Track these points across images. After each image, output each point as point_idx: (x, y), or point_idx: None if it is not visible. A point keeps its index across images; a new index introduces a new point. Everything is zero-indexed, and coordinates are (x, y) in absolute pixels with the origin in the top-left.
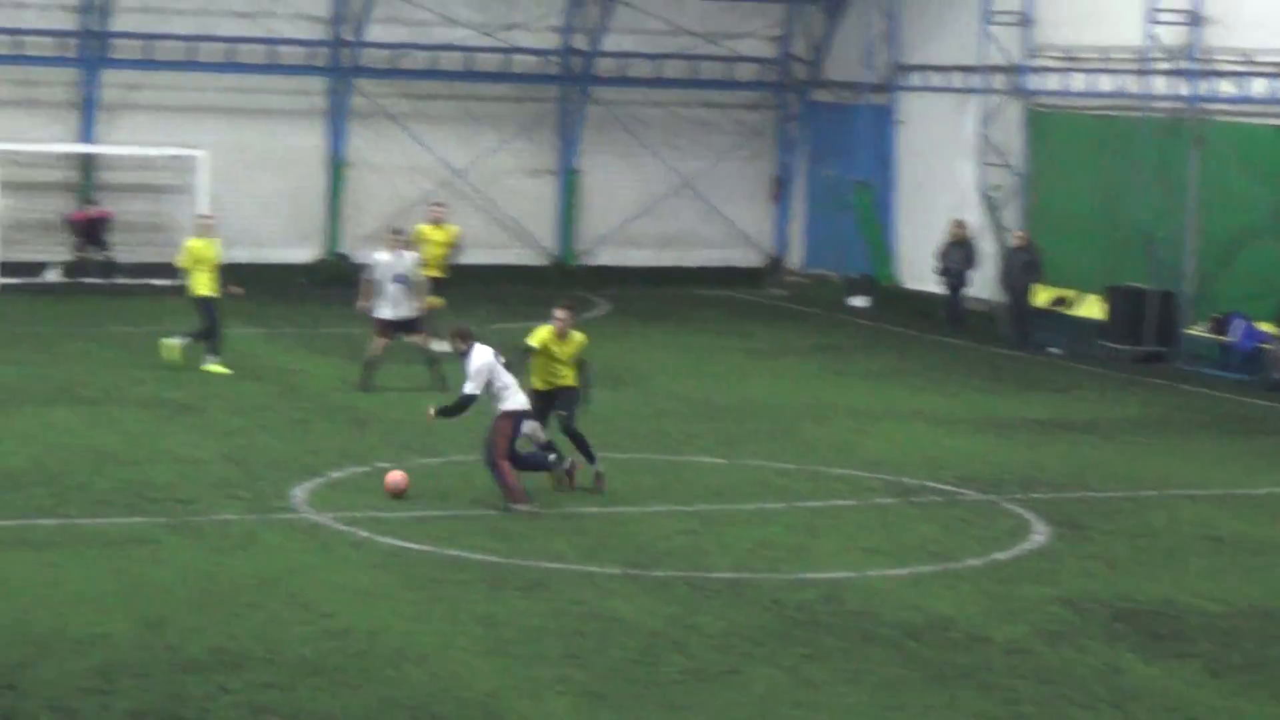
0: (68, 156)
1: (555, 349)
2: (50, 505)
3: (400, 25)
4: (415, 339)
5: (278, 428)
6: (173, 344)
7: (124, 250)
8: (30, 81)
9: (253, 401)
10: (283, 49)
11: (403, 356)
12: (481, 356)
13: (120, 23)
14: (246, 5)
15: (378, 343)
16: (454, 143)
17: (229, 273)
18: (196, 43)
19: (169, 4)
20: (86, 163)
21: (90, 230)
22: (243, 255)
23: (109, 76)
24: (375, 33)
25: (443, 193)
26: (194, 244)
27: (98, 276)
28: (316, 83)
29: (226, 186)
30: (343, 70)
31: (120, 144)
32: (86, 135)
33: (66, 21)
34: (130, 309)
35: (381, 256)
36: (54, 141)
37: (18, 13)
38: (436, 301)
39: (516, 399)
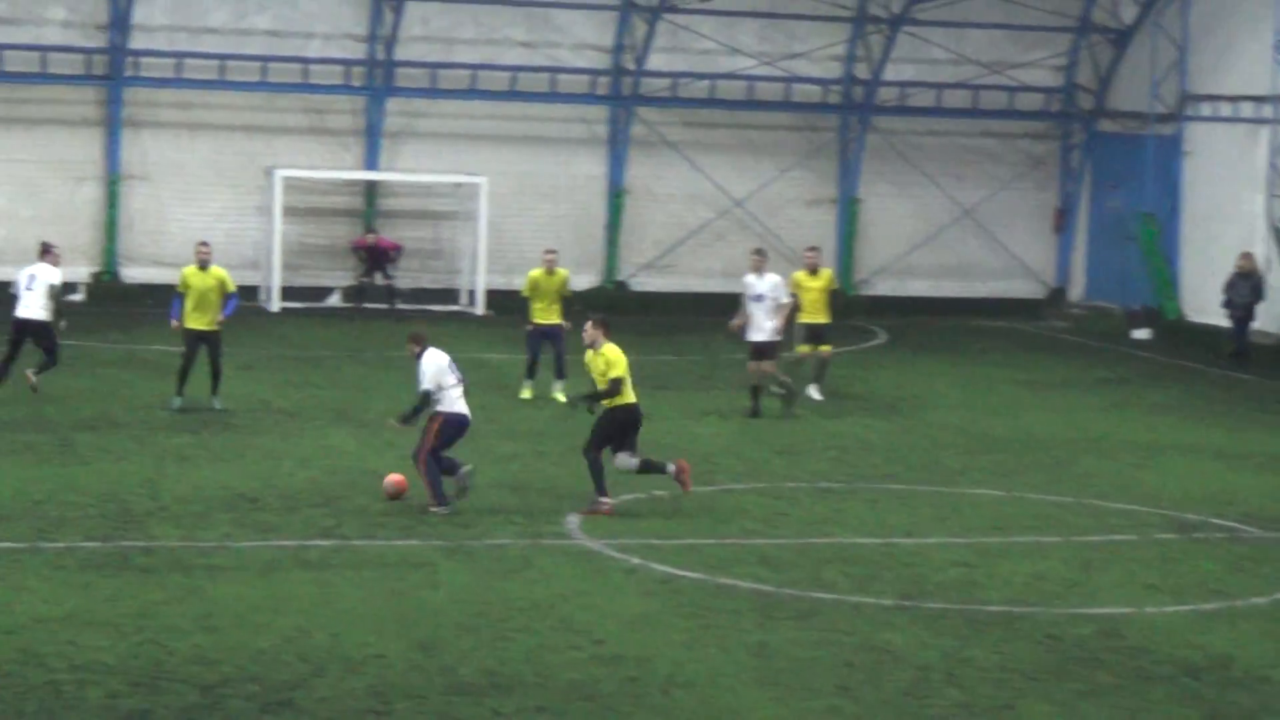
0: (352, 183)
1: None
2: (328, 526)
3: (681, 54)
4: (762, 365)
5: (554, 454)
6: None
7: (404, 275)
8: (317, 109)
9: (529, 427)
10: (564, 77)
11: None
12: (435, 359)
13: (405, 52)
14: (529, 34)
15: (750, 366)
16: (733, 171)
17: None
18: (479, 71)
19: (453, 33)
20: (370, 189)
21: (374, 257)
22: (520, 282)
23: (394, 105)
24: (656, 61)
25: (721, 222)
26: (537, 274)
27: (379, 302)
28: (597, 111)
29: (506, 213)
30: (624, 99)
31: (403, 171)
32: (371, 162)
33: (354, 51)
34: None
35: (747, 278)
36: (339, 169)
37: (306, 42)
38: (825, 350)
39: (456, 405)
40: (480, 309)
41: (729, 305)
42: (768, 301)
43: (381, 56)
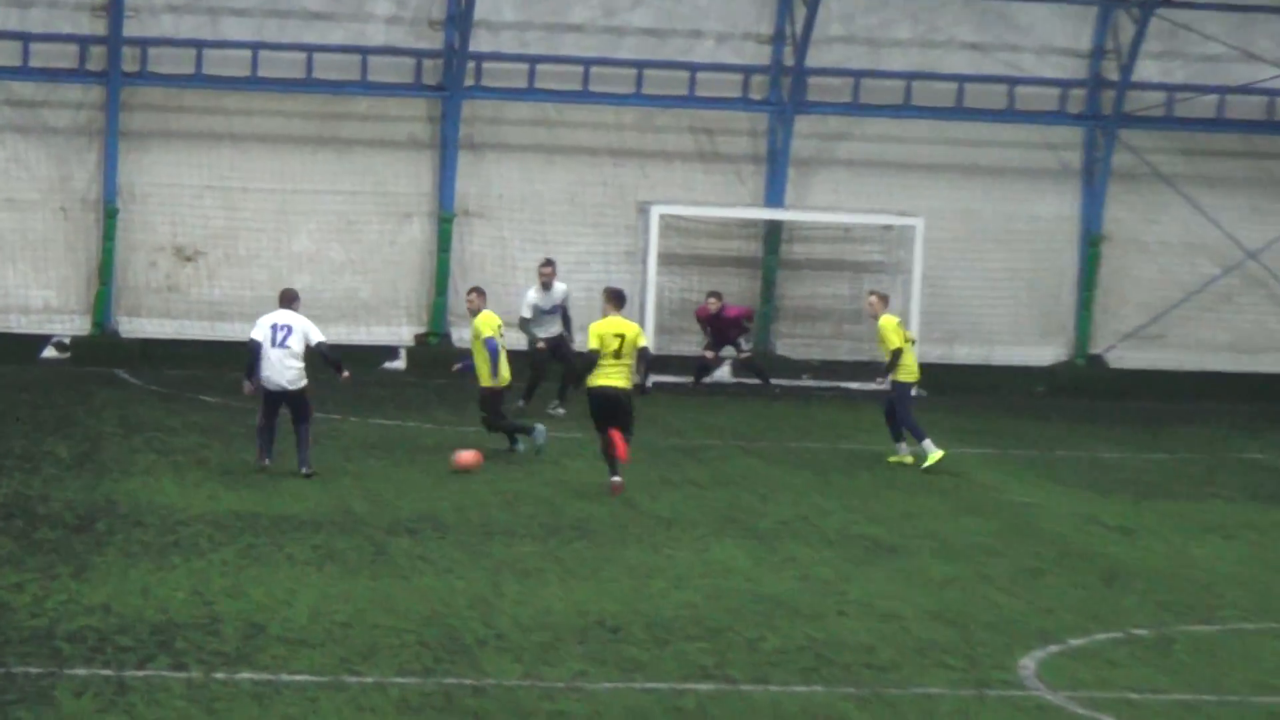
0: (749, 224)
1: None
2: (710, 666)
3: (1180, 60)
4: None
5: (1003, 578)
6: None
7: (809, 343)
8: (707, 129)
9: (973, 542)
10: (1025, 90)
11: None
12: None
13: (820, 57)
14: (980, 34)
15: None
16: (1246, 214)
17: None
18: (914, 82)
19: (883, 34)
20: (771, 233)
21: (718, 330)
22: (964, 353)
23: (804, 124)
24: (1147, 70)
25: (1230, 280)
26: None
27: (759, 377)
28: (1068, 133)
29: (945, 263)
30: (1103, 118)
31: (815, 209)
32: (773, 198)
33: (755, 56)
34: (818, 417)
35: None
36: (733, 205)
37: (693, 44)
38: None
39: None
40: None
41: (1239, 387)
42: None
43: (790, 63)
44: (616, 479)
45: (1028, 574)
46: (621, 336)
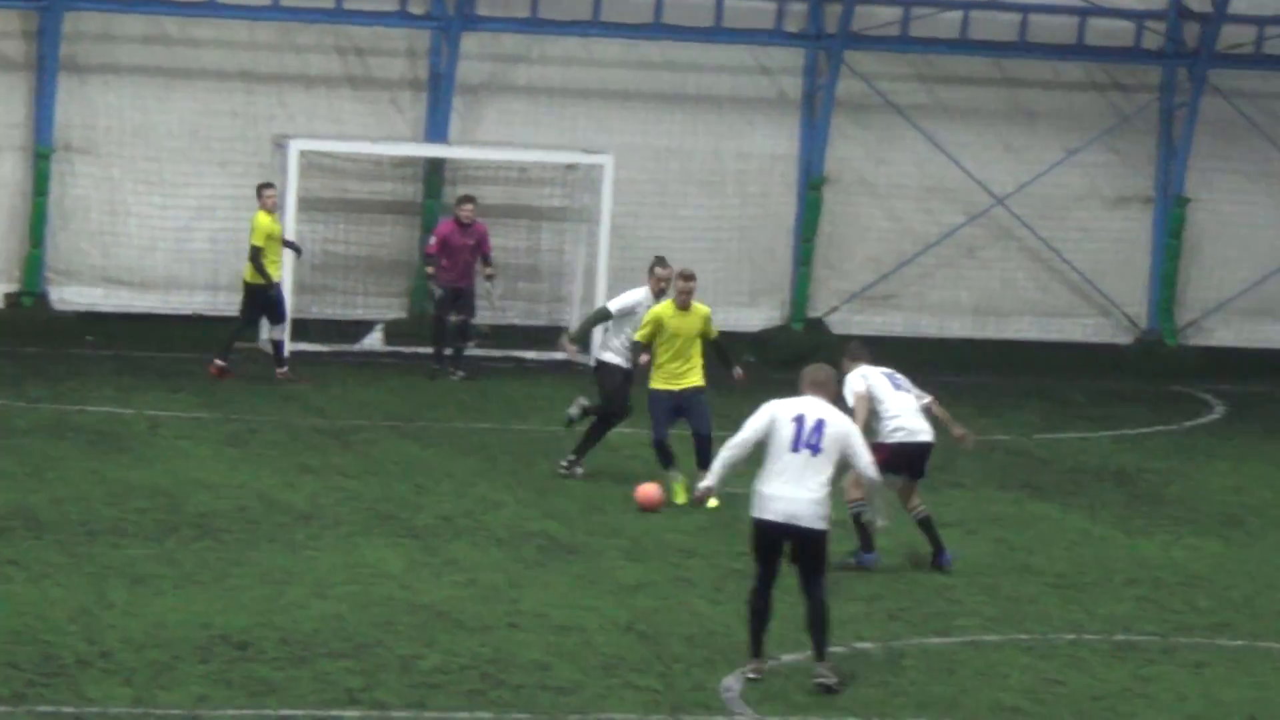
0: (406, 162)
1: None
2: (356, 688)
3: None
4: None
5: (704, 583)
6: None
7: (478, 305)
8: (356, 50)
9: (668, 540)
10: (736, 6)
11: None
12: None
13: None
14: None
15: None
16: (996, 153)
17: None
18: None
19: None
20: (433, 173)
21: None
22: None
23: (472, 43)
24: None
25: (974, 229)
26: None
27: (441, 345)
28: (786, 56)
29: (639, 210)
30: (827, 39)
31: (485, 145)
32: (436, 132)
33: None
34: (487, 395)
35: None
36: (388, 140)
37: None
38: None
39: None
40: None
41: (983, 357)
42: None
43: None
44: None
45: (732, 578)
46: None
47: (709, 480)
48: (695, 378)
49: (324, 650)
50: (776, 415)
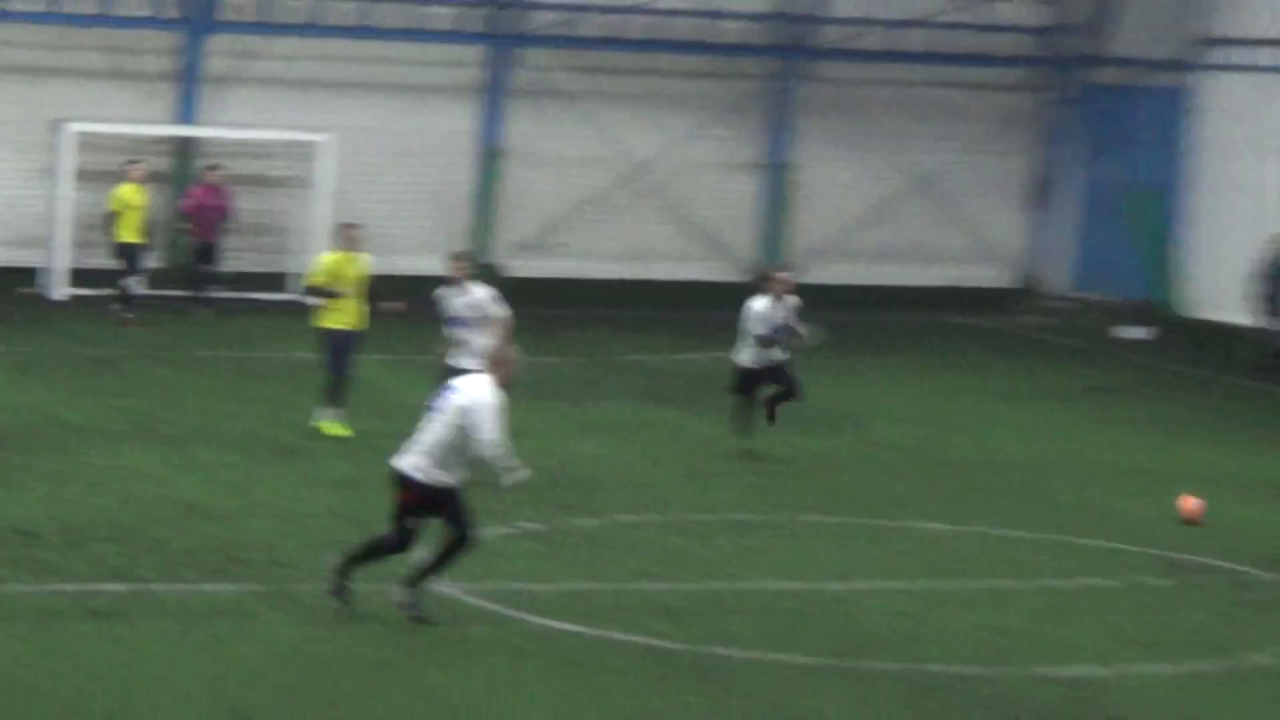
0: (162, 140)
1: None
2: (122, 567)
3: None
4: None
5: None
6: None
7: (225, 256)
8: (122, 48)
9: (373, 444)
10: (429, 10)
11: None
12: None
13: None
14: None
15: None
16: (636, 129)
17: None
18: (323, 2)
19: None
20: (184, 149)
21: (204, 220)
22: (371, 262)
23: (216, 43)
24: None
25: (622, 191)
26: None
27: (193, 289)
28: (469, 52)
29: (353, 181)
30: (502, 37)
31: (226, 126)
32: (186, 115)
33: None
34: (228, 329)
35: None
36: (147, 122)
37: None
38: None
39: None
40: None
41: (629, 294)
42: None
43: None
44: None
45: None
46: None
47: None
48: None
49: (95, 536)
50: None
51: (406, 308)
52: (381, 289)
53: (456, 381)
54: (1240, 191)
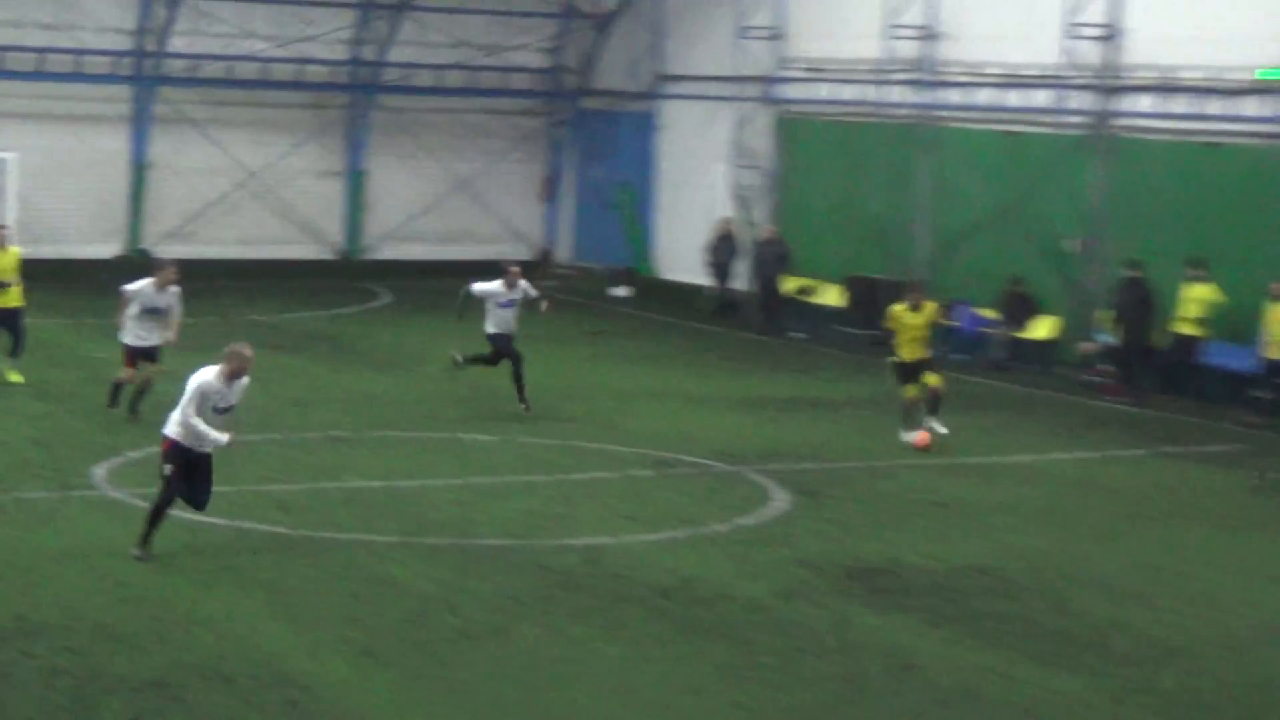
0: None
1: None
2: None
3: (201, 37)
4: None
5: (81, 411)
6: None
7: None
8: None
9: (59, 389)
10: (89, 59)
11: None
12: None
13: None
14: (54, 18)
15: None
16: (249, 146)
17: (40, 268)
18: (6, 52)
19: None
20: None
21: None
22: (49, 251)
23: None
24: (177, 44)
25: (238, 193)
26: None
27: None
28: (122, 90)
29: (35, 188)
30: (147, 79)
31: None
32: None
33: None
34: None
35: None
36: None
37: None
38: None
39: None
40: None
41: (247, 270)
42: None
43: None
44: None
45: (99, 408)
46: None
47: None
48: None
49: None
50: None
51: None
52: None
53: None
54: (694, 188)
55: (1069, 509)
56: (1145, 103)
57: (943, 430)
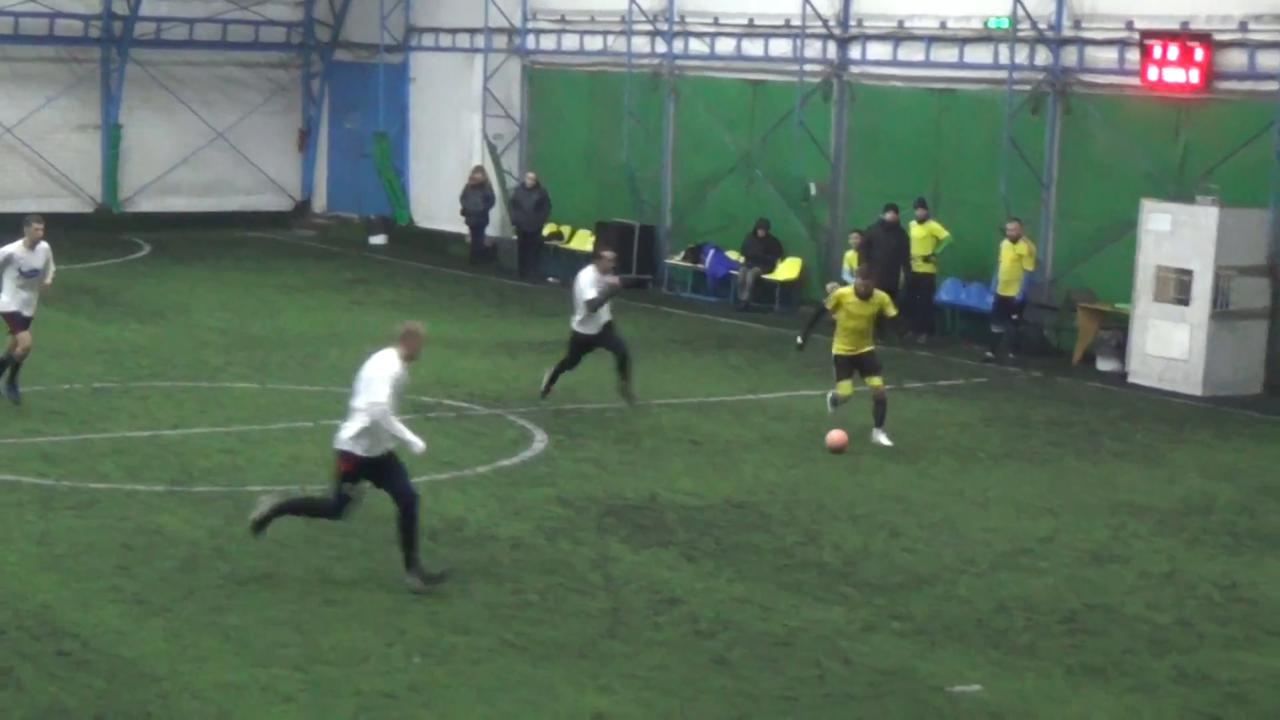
0: None
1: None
2: None
3: None
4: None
5: None
6: None
7: None
8: None
9: None
10: (60, 22)
11: None
12: None
13: None
14: None
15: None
16: (4, 101)
17: None
18: None
19: None
20: None
21: None
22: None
23: None
24: None
25: None
26: None
27: None
28: (89, 50)
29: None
30: (114, 40)
31: None
32: None
33: None
34: None
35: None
36: None
37: None
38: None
39: None
40: None
41: (1, 225)
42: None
43: None
44: None
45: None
46: None
47: None
48: None
49: None
50: None
51: None
52: None
53: None
54: (448, 138)
55: (819, 444)
56: (880, 51)
57: (887, 442)
